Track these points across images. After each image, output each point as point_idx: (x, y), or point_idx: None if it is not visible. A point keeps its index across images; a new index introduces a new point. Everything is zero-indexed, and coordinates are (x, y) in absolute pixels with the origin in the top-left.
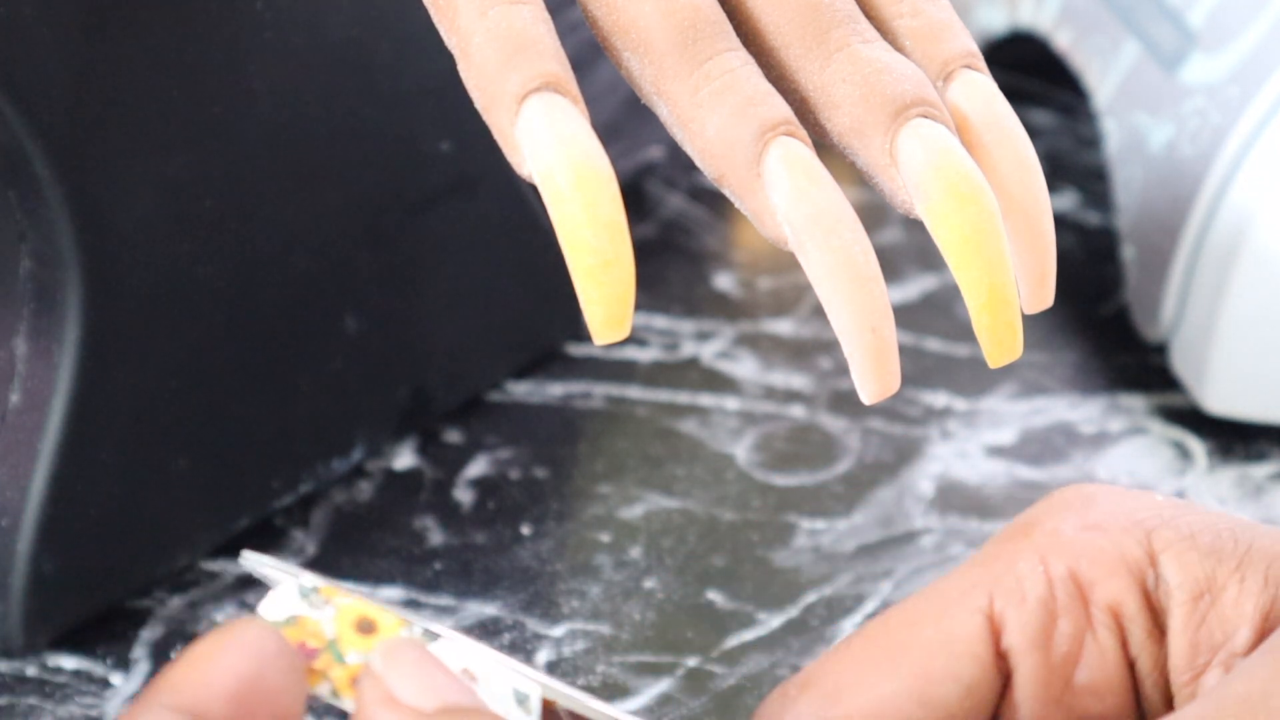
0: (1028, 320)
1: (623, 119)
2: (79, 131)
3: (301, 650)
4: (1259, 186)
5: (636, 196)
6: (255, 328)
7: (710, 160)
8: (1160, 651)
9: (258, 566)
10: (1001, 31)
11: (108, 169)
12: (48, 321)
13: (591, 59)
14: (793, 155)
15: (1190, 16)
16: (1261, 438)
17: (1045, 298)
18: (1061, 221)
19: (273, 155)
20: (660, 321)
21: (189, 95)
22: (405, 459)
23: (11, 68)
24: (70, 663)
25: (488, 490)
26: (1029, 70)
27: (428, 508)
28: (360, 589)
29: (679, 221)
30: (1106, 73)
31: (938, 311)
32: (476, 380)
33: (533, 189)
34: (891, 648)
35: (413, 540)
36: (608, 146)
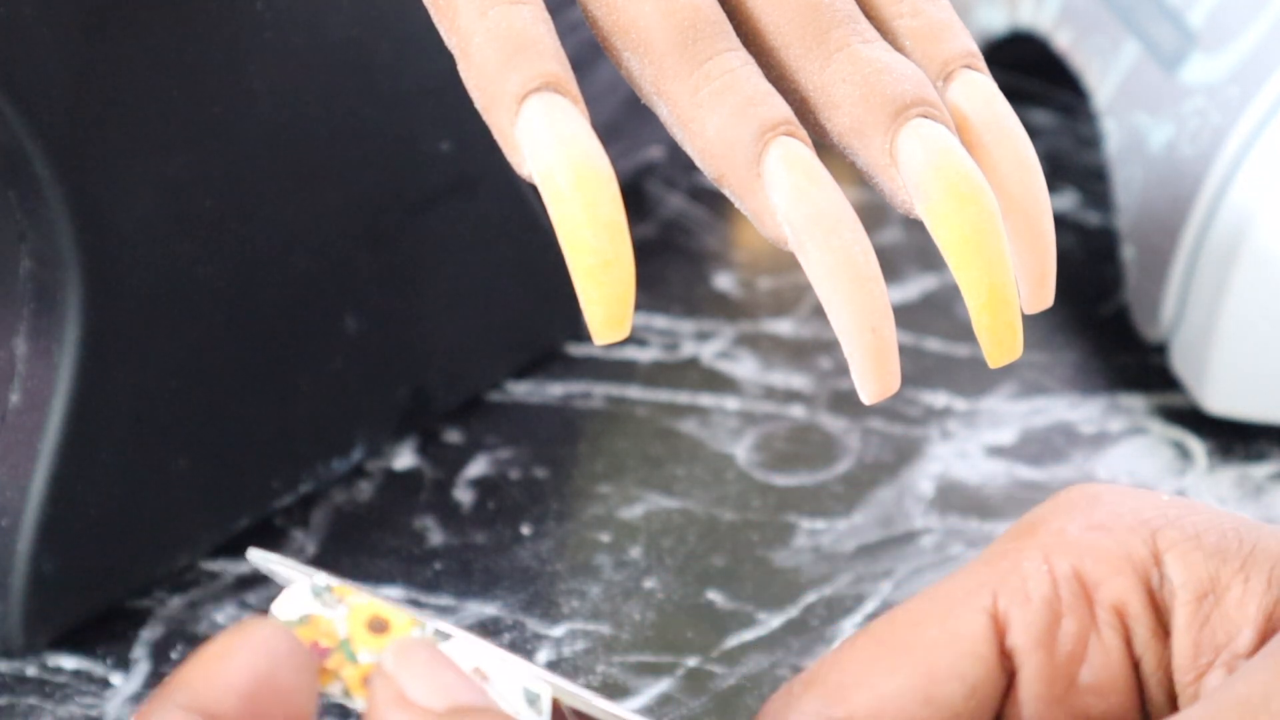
0: (1028, 320)
1: (623, 119)
2: (79, 131)
3: (314, 649)
4: (1259, 186)
5: (636, 196)
6: (255, 328)
7: (710, 160)
8: (1165, 651)
9: (266, 564)
10: (1001, 31)
11: (108, 169)
12: (48, 321)
13: (591, 59)
14: (793, 155)
15: (1190, 16)
16: (1261, 438)
17: (1045, 298)
18: (1061, 221)
19: (273, 155)
20: (660, 321)
21: (189, 95)
22: (405, 459)
23: (11, 68)
24: (70, 663)
25: (488, 490)
26: (1029, 70)
27: (428, 508)
28: (361, 589)
29: (679, 221)
30: (1106, 73)
31: (938, 311)
32: (476, 380)
33: (533, 189)
34: (896, 647)
35: (413, 540)
36: (608, 146)
